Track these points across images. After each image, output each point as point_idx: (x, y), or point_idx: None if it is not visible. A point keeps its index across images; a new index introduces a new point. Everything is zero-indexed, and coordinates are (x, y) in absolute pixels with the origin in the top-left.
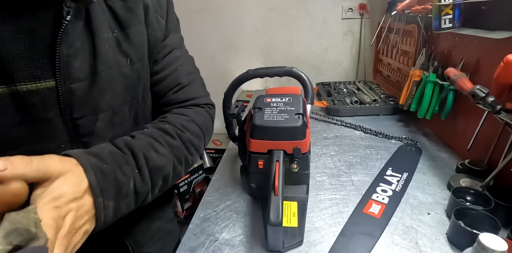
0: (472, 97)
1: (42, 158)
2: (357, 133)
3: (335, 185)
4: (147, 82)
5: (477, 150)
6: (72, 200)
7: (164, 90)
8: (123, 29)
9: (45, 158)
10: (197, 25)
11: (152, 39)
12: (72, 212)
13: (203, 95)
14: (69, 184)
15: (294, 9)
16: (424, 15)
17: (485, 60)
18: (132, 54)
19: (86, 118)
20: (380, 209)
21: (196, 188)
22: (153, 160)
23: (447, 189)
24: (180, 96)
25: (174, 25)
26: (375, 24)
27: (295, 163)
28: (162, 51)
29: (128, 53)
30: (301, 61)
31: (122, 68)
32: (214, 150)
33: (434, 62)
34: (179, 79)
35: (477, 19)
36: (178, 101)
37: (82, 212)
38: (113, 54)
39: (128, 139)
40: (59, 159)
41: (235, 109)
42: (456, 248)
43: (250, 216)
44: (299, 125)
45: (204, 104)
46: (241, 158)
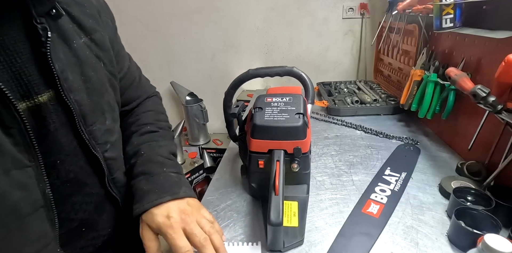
0: (473, 97)
1: None
2: (358, 133)
3: (335, 185)
4: (118, 80)
5: (477, 150)
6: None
7: (124, 87)
8: (87, 35)
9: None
10: (198, 25)
11: (110, 41)
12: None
13: (149, 84)
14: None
15: (295, 9)
16: (425, 15)
17: (486, 59)
18: (103, 57)
19: (98, 121)
20: (378, 209)
21: (197, 188)
22: (164, 151)
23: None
24: (138, 91)
25: (116, 26)
26: (375, 24)
27: (296, 162)
28: (117, 52)
29: (100, 56)
30: (302, 61)
31: (103, 70)
32: (215, 149)
33: (435, 62)
34: (133, 75)
35: (478, 18)
36: (137, 97)
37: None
38: (92, 58)
39: (149, 157)
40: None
41: (236, 108)
42: (457, 248)
43: (251, 215)
44: (300, 124)
45: (153, 92)
46: (241, 157)
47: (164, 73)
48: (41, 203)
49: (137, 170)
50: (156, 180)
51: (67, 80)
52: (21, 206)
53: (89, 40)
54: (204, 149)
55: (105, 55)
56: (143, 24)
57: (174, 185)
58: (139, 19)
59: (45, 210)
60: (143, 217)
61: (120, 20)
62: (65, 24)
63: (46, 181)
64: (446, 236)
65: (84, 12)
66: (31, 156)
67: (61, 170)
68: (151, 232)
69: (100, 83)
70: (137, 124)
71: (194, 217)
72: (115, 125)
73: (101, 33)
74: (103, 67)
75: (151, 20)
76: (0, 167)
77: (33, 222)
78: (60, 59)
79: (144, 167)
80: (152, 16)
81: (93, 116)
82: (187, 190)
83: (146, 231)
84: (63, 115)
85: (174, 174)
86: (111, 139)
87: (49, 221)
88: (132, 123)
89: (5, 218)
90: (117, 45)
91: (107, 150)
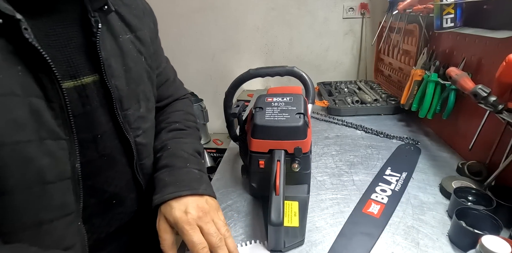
0: (473, 97)
1: None
2: (358, 133)
3: (336, 185)
4: (155, 74)
5: (478, 150)
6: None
7: (158, 84)
8: (133, 32)
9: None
10: (198, 24)
11: (150, 40)
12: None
13: (182, 86)
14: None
15: (295, 9)
16: (426, 15)
17: (487, 59)
18: (144, 52)
19: (133, 107)
20: (379, 209)
21: None
22: (189, 148)
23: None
24: (170, 90)
25: (157, 29)
26: (376, 24)
27: (296, 162)
28: (155, 51)
29: (141, 51)
30: (302, 61)
31: (143, 64)
32: (215, 149)
33: (435, 62)
34: (167, 75)
35: (479, 18)
36: (168, 95)
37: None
38: (134, 52)
39: (174, 151)
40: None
41: (236, 108)
42: (458, 248)
43: (251, 215)
44: (300, 124)
45: (185, 94)
46: (242, 157)
47: None
48: (68, 175)
49: (161, 163)
50: (178, 174)
51: (110, 67)
52: (46, 173)
53: (134, 37)
54: (204, 149)
55: (146, 50)
56: None
57: (195, 180)
58: None
59: (72, 182)
60: (162, 209)
61: None
62: (114, 21)
63: (77, 156)
64: (447, 236)
65: (131, 12)
66: (68, 131)
67: (100, 144)
68: (167, 225)
69: (139, 74)
70: (167, 121)
71: (211, 217)
72: (149, 114)
73: (144, 31)
74: (143, 61)
75: None
76: (37, 135)
77: (56, 191)
78: (106, 49)
79: (168, 161)
80: None
81: (128, 102)
82: (207, 188)
83: (163, 223)
84: (104, 97)
85: (196, 171)
86: (144, 126)
87: (74, 194)
88: (163, 121)
89: (29, 180)
90: (157, 46)
91: (138, 135)
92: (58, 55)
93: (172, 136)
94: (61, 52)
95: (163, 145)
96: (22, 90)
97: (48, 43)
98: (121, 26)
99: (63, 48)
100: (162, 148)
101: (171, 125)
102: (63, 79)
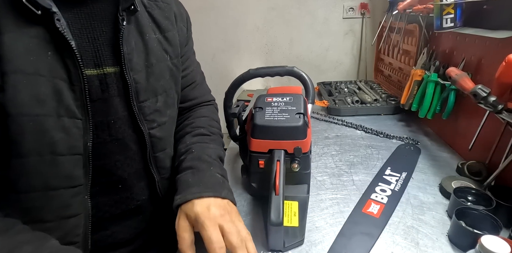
0: (473, 97)
1: None
2: (358, 133)
3: (336, 185)
4: (180, 74)
5: (478, 150)
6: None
7: (183, 86)
8: (162, 32)
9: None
10: (198, 24)
11: (179, 43)
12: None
13: (209, 91)
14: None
15: (295, 9)
16: (426, 15)
17: (487, 59)
18: (170, 51)
19: (150, 100)
20: (379, 209)
21: None
22: (213, 153)
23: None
24: (195, 93)
25: (191, 34)
26: (376, 24)
27: (296, 162)
28: (185, 54)
29: (168, 50)
30: (302, 61)
31: (167, 61)
32: None
33: (435, 62)
34: (194, 78)
35: (478, 18)
36: (193, 97)
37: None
38: (159, 50)
39: (199, 155)
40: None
41: (236, 108)
42: (457, 248)
43: (251, 215)
44: (300, 124)
45: (210, 100)
46: (242, 157)
47: None
48: (79, 151)
49: (185, 165)
50: (201, 176)
51: (131, 61)
52: (59, 145)
53: (162, 37)
54: None
55: (173, 50)
56: None
57: (218, 184)
58: None
59: (82, 158)
60: (183, 207)
61: None
62: (144, 21)
63: (91, 136)
64: (446, 236)
65: (163, 15)
66: (84, 112)
67: (113, 129)
68: (187, 223)
69: (160, 70)
70: (192, 126)
71: (233, 218)
72: (168, 109)
73: (173, 32)
74: (168, 59)
75: None
76: (56, 111)
77: (66, 163)
78: (130, 44)
79: (192, 163)
80: None
81: (145, 94)
82: (229, 193)
83: (183, 221)
84: (122, 87)
85: (219, 176)
86: (160, 119)
87: (84, 169)
88: (188, 125)
89: (41, 148)
90: (187, 50)
91: (153, 127)
92: (87, 46)
93: (197, 141)
94: (91, 44)
95: (188, 149)
96: (49, 72)
97: (81, 35)
98: (151, 26)
99: (93, 40)
100: (187, 151)
101: (196, 130)
102: (87, 67)
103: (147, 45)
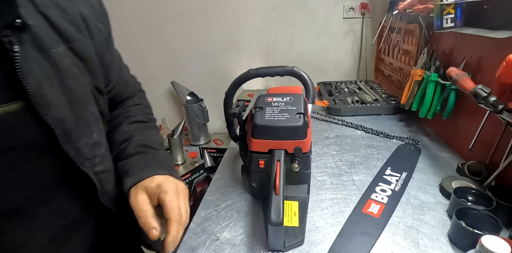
0: (473, 97)
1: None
2: (358, 133)
3: (336, 185)
4: (104, 89)
5: (478, 150)
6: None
7: (118, 92)
8: (67, 43)
9: None
10: (199, 24)
11: (99, 50)
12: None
13: (135, 79)
14: None
15: (295, 9)
16: (426, 15)
17: (487, 59)
18: (84, 68)
19: (85, 136)
20: (379, 209)
21: (197, 188)
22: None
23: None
24: (129, 91)
25: (110, 28)
26: (376, 24)
27: (296, 162)
28: (108, 61)
29: (80, 67)
30: (302, 61)
31: (87, 79)
32: (215, 149)
33: (435, 62)
34: (124, 79)
35: (479, 18)
36: (128, 95)
37: None
38: (74, 68)
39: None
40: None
41: (236, 108)
42: (458, 248)
43: (251, 215)
44: (300, 124)
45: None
46: (242, 157)
47: (165, 73)
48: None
49: (130, 151)
50: (153, 158)
51: (44, 96)
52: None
53: (68, 49)
54: (204, 149)
55: (87, 65)
56: (143, 24)
57: (170, 166)
58: (140, 19)
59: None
60: (138, 184)
61: (121, 20)
62: (41, 31)
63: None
64: (446, 236)
65: (65, 17)
66: None
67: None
68: (146, 197)
69: (84, 94)
70: (127, 115)
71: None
72: (102, 136)
73: (83, 41)
74: (86, 77)
75: (151, 20)
76: None
77: None
78: (35, 74)
79: (138, 149)
80: (153, 16)
81: (78, 131)
82: (179, 177)
83: (141, 195)
84: (39, 130)
85: (168, 160)
86: (100, 152)
87: None
88: (121, 114)
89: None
90: (108, 54)
91: (96, 164)
92: None
93: (137, 128)
94: None
95: (129, 136)
96: None
97: None
98: (51, 36)
99: None
100: (128, 139)
101: (132, 118)
102: None
103: (57, 64)
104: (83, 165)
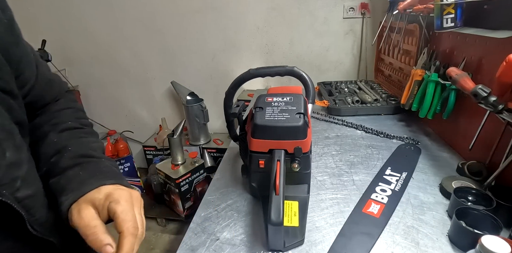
0: (474, 97)
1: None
2: (358, 133)
3: (336, 185)
4: (19, 94)
5: (478, 150)
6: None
7: (39, 93)
8: None
9: None
10: (199, 24)
11: (3, 46)
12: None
13: (61, 81)
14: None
15: (295, 9)
16: (426, 15)
17: (487, 59)
18: None
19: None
20: (379, 209)
21: (197, 187)
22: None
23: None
24: (53, 93)
25: (12, 16)
26: (376, 24)
27: (296, 162)
28: (19, 57)
29: None
30: (303, 61)
31: None
32: (215, 149)
33: (435, 62)
34: (45, 79)
35: (479, 18)
36: (54, 97)
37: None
38: None
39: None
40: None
41: (236, 108)
42: (458, 248)
43: (251, 215)
44: (300, 124)
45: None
46: (242, 157)
47: (165, 73)
48: None
49: (65, 164)
50: (95, 168)
51: None
52: None
53: None
54: (204, 148)
55: None
56: (144, 24)
57: (118, 175)
58: (140, 19)
59: None
60: (81, 200)
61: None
62: None
63: None
64: (446, 236)
65: None
66: None
67: None
68: (93, 211)
69: None
70: (53, 122)
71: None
72: (21, 153)
73: None
74: None
75: (152, 20)
76: None
77: None
78: None
79: (76, 160)
80: (153, 16)
81: None
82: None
83: (87, 210)
84: None
85: (114, 168)
86: (20, 173)
87: None
88: (47, 121)
89: None
90: (15, 46)
91: (18, 189)
92: None
93: (70, 136)
94: None
95: (60, 148)
96: None
97: None
98: None
99: None
100: (60, 151)
101: (62, 125)
102: None
103: None
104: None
